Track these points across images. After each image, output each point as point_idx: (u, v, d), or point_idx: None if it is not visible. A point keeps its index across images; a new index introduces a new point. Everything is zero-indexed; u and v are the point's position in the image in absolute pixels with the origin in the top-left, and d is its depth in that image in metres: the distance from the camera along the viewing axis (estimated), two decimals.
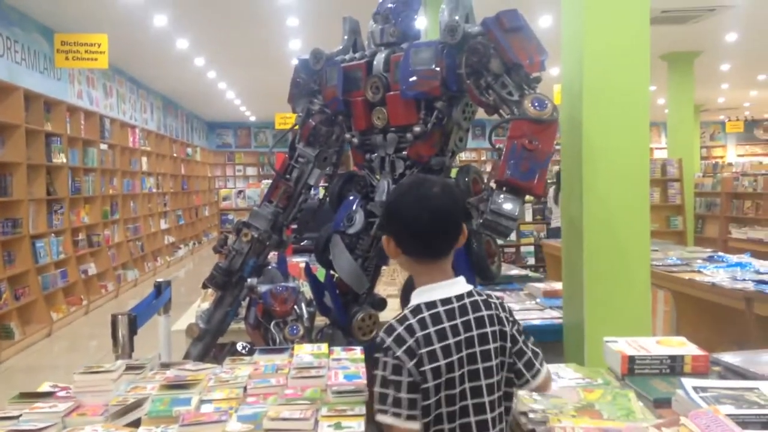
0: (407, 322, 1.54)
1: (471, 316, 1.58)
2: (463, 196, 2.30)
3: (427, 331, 1.52)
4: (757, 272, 3.94)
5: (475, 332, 1.57)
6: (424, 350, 1.50)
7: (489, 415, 1.55)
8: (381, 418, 1.48)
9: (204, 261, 13.06)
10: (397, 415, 1.46)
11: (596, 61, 2.68)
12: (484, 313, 1.60)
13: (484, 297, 1.64)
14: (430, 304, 1.57)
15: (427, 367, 1.49)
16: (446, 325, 1.55)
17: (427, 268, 1.62)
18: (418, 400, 1.48)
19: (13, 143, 7.08)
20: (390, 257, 1.75)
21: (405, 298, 2.46)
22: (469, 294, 1.62)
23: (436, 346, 1.51)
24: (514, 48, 2.42)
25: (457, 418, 1.53)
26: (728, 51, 11.22)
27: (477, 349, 1.56)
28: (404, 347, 1.49)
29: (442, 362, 1.51)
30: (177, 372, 1.85)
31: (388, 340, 1.51)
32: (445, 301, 1.58)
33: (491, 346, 1.58)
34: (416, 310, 1.57)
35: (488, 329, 1.59)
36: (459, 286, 1.63)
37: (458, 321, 1.56)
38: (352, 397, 1.62)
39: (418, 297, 1.61)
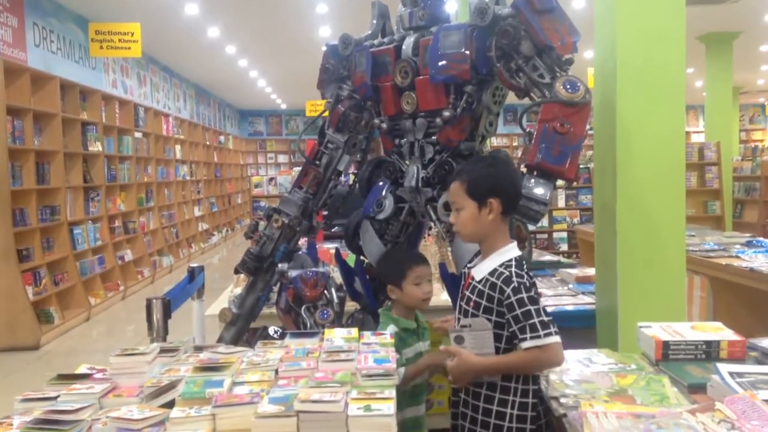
0: (525, 268, 1.96)
1: None
2: None
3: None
4: None
5: None
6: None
7: None
8: (548, 340, 1.82)
9: (237, 247, 13.20)
10: (557, 333, 1.84)
11: (630, 42, 2.63)
12: None
13: None
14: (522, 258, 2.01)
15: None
16: None
17: (507, 227, 2.08)
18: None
19: (50, 132, 7.23)
20: (487, 217, 2.04)
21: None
22: None
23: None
24: (545, 29, 2.38)
25: None
26: None
27: None
28: (534, 283, 1.93)
29: None
30: (210, 355, 1.88)
31: (526, 279, 1.92)
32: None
33: None
34: (520, 259, 2.00)
35: None
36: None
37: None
38: (381, 380, 1.62)
39: (515, 250, 2.03)
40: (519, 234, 2.48)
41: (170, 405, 1.56)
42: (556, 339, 1.83)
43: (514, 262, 1.97)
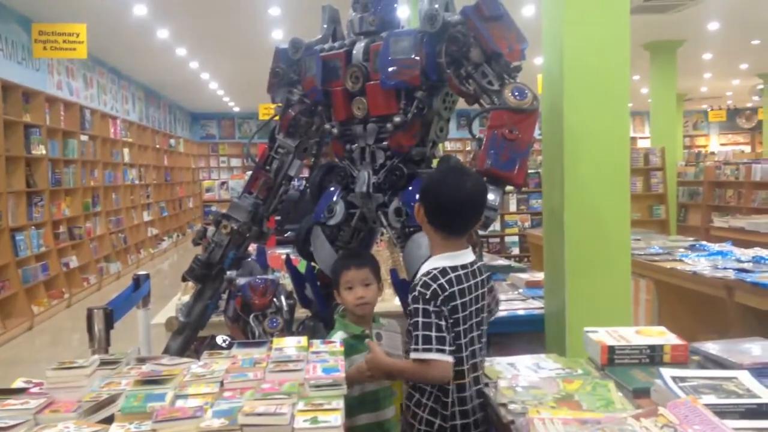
0: (440, 281, 1.91)
1: (477, 279, 2.02)
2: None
3: (453, 289, 1.92)
4: (738, 261, 3.96)
5: (479, 291, 2.02)
6: (457, 302, 1.91)
7: (483, 355, 2.05)
8: (425, 356, 1.85)
9: (188, 253, 12.95)
10: (441, 351, 1.85)
11: (576, 50, 2.67)
12: (480, 278, 2.04)
13: (478, 265, 2.08)
14: (454, 268, 1.96)
15: (459, 315, 1.92)
16: (464, 285, 1.96)
17: (448, 241, 2.01)
18: (450, 341, 1.87)
19: None
20: (418, 221, 2.09)
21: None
22: (472, 263, 2.04)
23: (458, 301, 1.93)
24: (493, 37, 2.40)
25: (469, 359, 1.96)
26: (711, 40, 11.28)
27: (479, 304, 2.02)
28: (440, 298, 1.89)
29: (462, 313, 1.93)
30: (152, 367, 1.82)
31: (428, 293, 1.89)
32: (463, 267, 1.98)
33: (484, 302, 2.06)
34: (444, 271, 1.94)
35: (481, 291, 2.04)
36: (470, 255, 2.05)
37: (471, 282, 1.99)
38: (330, 390, 1.60)
39: (442, 261, 1.98)
40: (470, 239, 2.49)
41: (110, 420, 1.51)
42: (436, 356, 1.85)
43: (433, 272, 1.94)
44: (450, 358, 1.87)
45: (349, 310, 2.43)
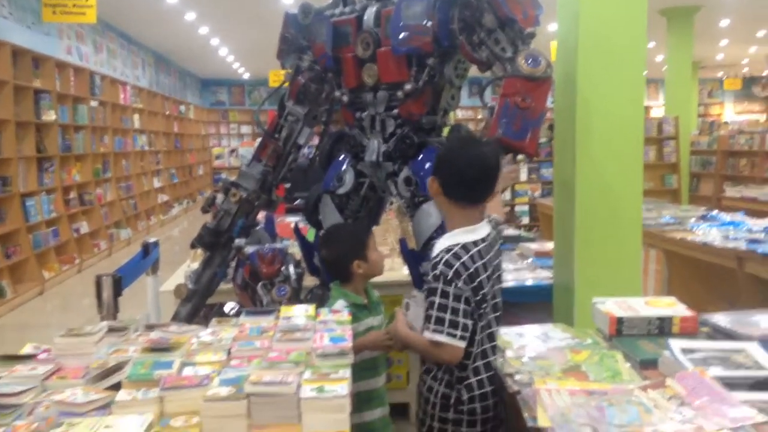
0: (462, 259, 1.88)
1: (493, 252, 2.02)
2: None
3: (476, 264, 1.90)
4: (750, 231, 3.92)
5: (495, 262, 2.03)
6: (477, 279, 1.89)
7: (498, 323, 2.04)
8: (435, 337, 1.86)
9: (198, 220, 12.99)
10: (452, 335, 1.85)
11: (592, 15, 2.61)
12: (498, 246, 2.08)
13: (496, 232, 2.10)
14: (475, 243, 1.94)
15: (481, 293, 1.90)
16: (486, 259, 1.95)
17: (466, 211, 1.98)
18: (468, 325, 1.87)
19: (1, 100, 6.96)
20: (431, 196, 2.11)
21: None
22: (488, 234, 2.03)
23: (483, 276, 1.92)
24: (508, 2, 2.35)
25: (485, 329, 1.96)
26: (728, 6, 11.03)
27: (496, 274, 2.04)
28: (462, 278, 1.86)
29: (486, 288, 1.93)
30: (161, 334, 1.83)
31: (450, 273, 1.86)
32: (482, 241, 1.97)
33: (500, 271, 2.08)
34: (465, 247, 1.91)
35: (500, 258, 2.08)
36: (486, 227, 2.03)
37: (490, 255, 1.99)
38: (336, 359, 1.60)
39: (461, 236, 1.95)
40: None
41: (117, 387, 1.52)
42: (445, 339, 1.85)
43: (455, 249, 1.90)
44: (461, 343, 1.87)
45: (376, 271, 2.50)
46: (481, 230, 2.00)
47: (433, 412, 2.01)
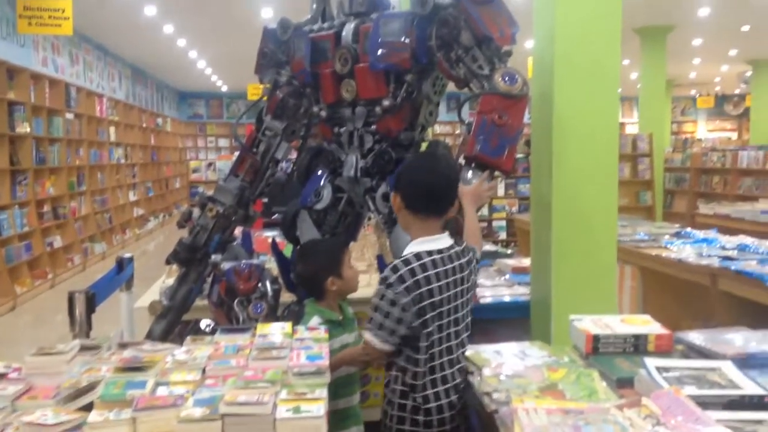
0: (411, 266, 1.96)
1: (455, 263, 2.04)
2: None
3: (427, 273, 1.96)
4: (723, 248, 3.98)
5: (457, 275, 2.04)
6: (424, 288, 1.94)
7: (462, 337, 2.08)
8: (365, 333, 2.01)
9: (174, 233, 12.82)
10: (376, 336, 1.96)
11: (567, 34, 2.64)
12: (463, 260, 2.08)
13: (462, 247, 2.11)
14: (429, 252, 2.00)
15: (426, 302, 1.94)
16: (440, 269, 1.99)
17: (425, 223, 2.06)
18: (401, 331, 1.95)
19: None
20: (395, 212, 2.16)
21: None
22: (451, 247, 2.07)
23: (434, 285, 1.96)
24: (484, 20, 2.37)
25: (444, 341, 2.01)
26: (700, 25, 11.25)
27: (459, 288, 2.04)
28: (404, 285, 1.93)
29: (437, 297, 1.96)
30: (134, 353, 1.80)
31: (393, 278, 1.94)
32: (439, 251, 2.02)
33: (466, 286, 2.08)
34: (418, 255, 1.99)
35: (465, 273, 2.08)
36: (447, 240, 2.08)
37: (448, 267, 2.01)
38: (313, 378, 1.58)
39: (417, 246, 2.03)
40: (457, 225, 2.48)
41: (89, 407, 1.48)
42: (370, 337, 1.99)
43: (407, 256, 2.00)
44: (383, 346, 1.98)
45: (351, 288, 2.47)
46: (439, 242, 2.05)
47: (391, 425, 2.04)
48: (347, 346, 2.37)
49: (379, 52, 2.51)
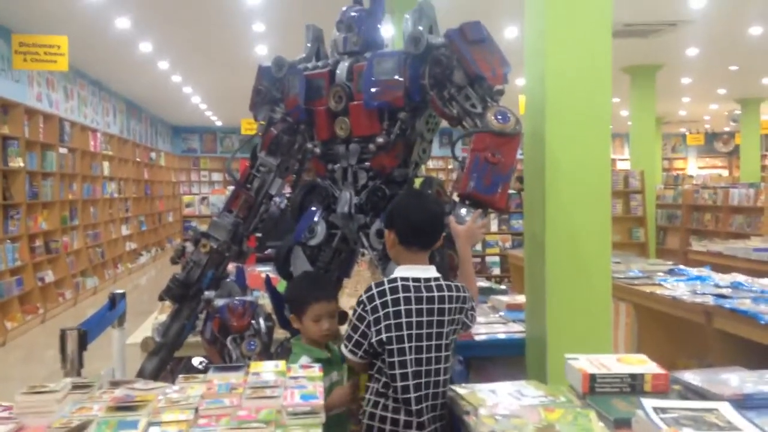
0: (382, 287, 2.11)
1: (435, 294, 2.12)
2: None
3: (395, 296, 2.08)
4: (717, 286, 3.98)
5: (434, 305, 2.11)
6: (390, 309, 2.07)
7: (431, 367, 2.11)
8: (343, 348, 2.17)
9: (167, 268, 12.80)
10: (347, 348, 2.13)
11: (558, 73, 2.67)
12: (446, 293, 2.14)
13: (451, 284, 2.18)
14: (405, 278, 2.12)
15: (390, 322, 2.07)
16: (412, 295, 2.09)
17: (414, 255, 2.19)
18: (365, 345, 2.09)
19: None
20: (388, 248, 2.27)
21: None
22: (436, 279, 2.16)
23: (401, 307, 2.08)
24: (476, 60, 2.40)
25: (409, 365, 2.08)
26: (689, 65, 11.45)
27: (432, 317, 2.10)
28: (372, 305, 2.09)
29: (403, 320, 2.07)
30: (126, 391, 1.77)
31: (364, 296, 2.12)
32: (417, 279, 2.13)
33: (445, 318, 2.13)
34: (393, 279, 2.14)
35: (446, 305, 2.13)
36: (431, 272, 2.18)
37: (423, 294, 2.11)
38: (307, 418, 1.56)
39: (400, 272, 2.16)
40: (451, 262, 2.48)
41: None
42: (345, 351, 2.16)
43: (382, 280, 2.18)
44: (352, 357, 2.14)
45: (311, 339, 2.40)
46: (420, 272, 2.15)
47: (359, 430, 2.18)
48: (336, 384, 2.34)
49: (373, 90, 2.54)
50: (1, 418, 1.66)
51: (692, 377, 1.85)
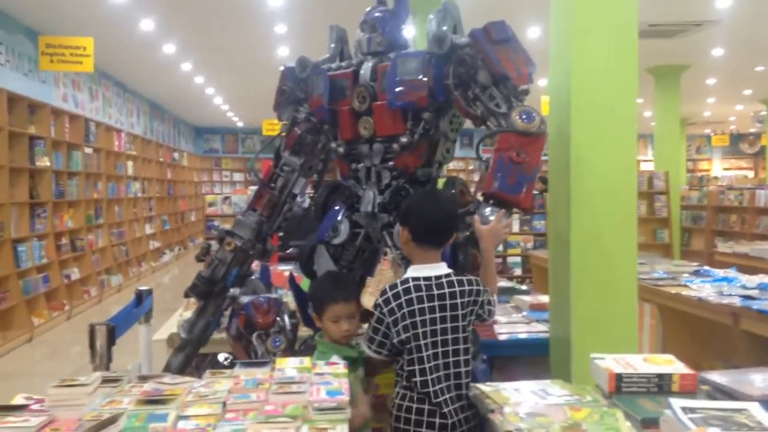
0: (396, 289, 2.19)
1: (446, 290, 2.19)
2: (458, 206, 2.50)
3: (410, 296, 2.16)
4: (744, 287, 3.94)
5: (448, 301, 2.18)
6: (406, 309, 2.15)
7: (449, 359, 2.18)
8: (363, 346, 2.29)
9: (189, 266, 12.93)
10: (368, 347, 2.23)
11: (584, 73, 2.66)
12: (457, 288, 2.20)
13: (462, 278, 2.23)
14: (416, 278, 2.19)
15: (408, 321, 2.15)
16: (424, 293, 2.17)
17: (426, 253, 2.24)
18: (388, 344, 2.18)
19: None
20: (401, 244, 2.35)
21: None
22: (448, 275, 2.22)
23: (415, 306, 2.15)
24: (501, 60, 2.40)
25: (417, 362, 2.15)
26: (714, 65, 11.32)
27: (446, 313, 2.17)
28: (389, 307, 2.16)
29: (418, 318, 2.15)
30: (154, 385, 1.80)
31: (380, 300, 2.20)
32: (428, 278, 2.19)
33: (459, 312, 2.19)
34: (405, 280, 2.20)
35: (458, 300, 2.19)
36: (442, 269, 2.24)
37: (435, 292, 2.18)
38: (333, 414, 1.58)
39: (411, 272, 2.23)
40: (474, 261, 2.47)
41: None
42: (365, 348, 2.26)
43: (396, 282, 2.23)
44: (375, 355, 2.22)
45: (331, 338, 2.40)
46: (432, 270, 2.22)
47: (390, 421, 2.24)
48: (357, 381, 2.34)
49: (397, 90, 2.54)
50: (33, 411, 1.69)
51: (720, 378, 1.83)
